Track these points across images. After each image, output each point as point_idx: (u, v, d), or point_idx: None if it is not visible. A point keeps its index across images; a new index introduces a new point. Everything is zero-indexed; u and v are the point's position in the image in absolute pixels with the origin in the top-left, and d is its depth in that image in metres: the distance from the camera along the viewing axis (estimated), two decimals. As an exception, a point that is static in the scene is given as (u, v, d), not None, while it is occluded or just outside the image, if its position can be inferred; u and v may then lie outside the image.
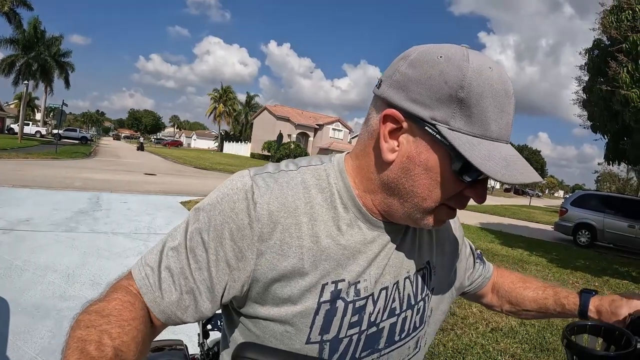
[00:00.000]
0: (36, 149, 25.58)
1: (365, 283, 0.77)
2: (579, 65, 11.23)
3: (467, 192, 0.72)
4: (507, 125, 0.69)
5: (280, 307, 0.73)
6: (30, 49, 38.24)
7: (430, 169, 0.70)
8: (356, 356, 0.78)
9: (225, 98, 71.31)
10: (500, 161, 0.66)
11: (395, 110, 0.70)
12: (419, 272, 0.87)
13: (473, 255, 1.12)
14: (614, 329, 0.90)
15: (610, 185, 57.13)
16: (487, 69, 0.67)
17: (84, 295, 4.17)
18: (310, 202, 0.74)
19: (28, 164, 16.34)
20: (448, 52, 0.68)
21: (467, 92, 0.65)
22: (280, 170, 0.78)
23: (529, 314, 1.16)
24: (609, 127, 10.56)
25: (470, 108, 0.66)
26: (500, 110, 0.67)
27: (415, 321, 0.86)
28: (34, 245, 5.70)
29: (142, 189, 12.96)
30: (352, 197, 0.77)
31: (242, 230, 0.71)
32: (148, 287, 0.73)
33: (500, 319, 4.96)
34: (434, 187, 0.70)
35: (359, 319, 0.77)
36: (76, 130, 49.94)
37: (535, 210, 33.17)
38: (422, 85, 0.67)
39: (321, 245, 0.73)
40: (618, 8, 9.00)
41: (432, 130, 0.67)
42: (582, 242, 13.72)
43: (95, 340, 0.60)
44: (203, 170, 25.35)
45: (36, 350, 3.13)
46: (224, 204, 0.72)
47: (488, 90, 0.66)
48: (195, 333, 1.79)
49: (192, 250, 0.73)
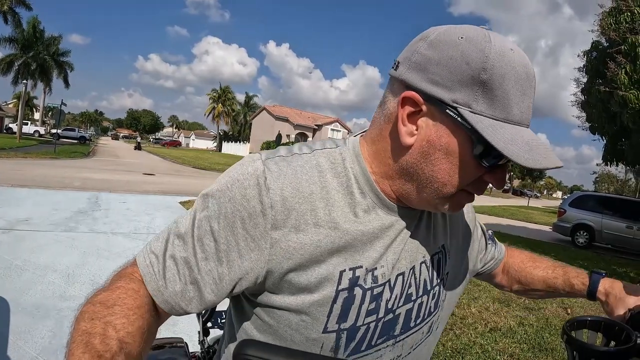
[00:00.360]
0: (35, 148, 25.56)
1: (383, 269, 0.75)
2: (577, 67, 11.25)
3: (487, 177, 0.71)
4: (528, 109, 0.68)
5: (297, 296, 0.71)
6: (29, 49, 38.16)
7: (450, 153, 0.67)
8: (372, 343, 0.77)
9: (224, 98, 71.31)
10: (524, 145, 0.64)
11: (415, 93, 0.67)
12: (434, 257, 0.85)
13: (485, 236, 1.10)
14: (614, 324, 0.90)
15: (608, 186, 57.25)
16: (509, 51, 0.65)
17: (84, 295, 4.12)
18: (325, 186, 0.71)
19: (27, 164, 16.33)
20: (469, 33, 0.66)
21: (489, 74, 0.63)
22: (294, 153, 0.74)
23: (538, 294, 1.15)
24: (607, 129, 10.59)
25: (493, 90, 0.64)
26: (522, 93, 0.66)
27: (431, 306, 0.85)
28: (34, 245, 5.70)
29: (141, 189, 12.97)
30: (370, 183, 0.75)
31: (254, 219, 0.67)
32: (152, 275, 0.70)
33: (498, 319, 4.98)
34: (454, 172, 0.68)
35: (376, 306, 0.75)
36: (75, 130, 50.02)
37: (533, 211, 33.21)
38: (442, 67, 0.65)
39: (338, 231, 0.70)
40: (617, 10, 9.03)
41: (453, 113, 0.65)
42: (580, 242, 13.75)
43: (100, 333, 0.59)
44: (202, 170, 25.33)
45: (37, 350, 3.14)
46: (234, 190, 0.68)
47: (510, 72, 0.64)
48: (195, 331, 1.79)
49: (200, 239, 0.69)
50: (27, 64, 38.42)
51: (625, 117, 8.68)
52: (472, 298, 5.71)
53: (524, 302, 5.78)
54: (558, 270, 1.11)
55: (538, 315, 5.34)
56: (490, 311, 5.27)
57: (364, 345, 0.76)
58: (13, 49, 37.63)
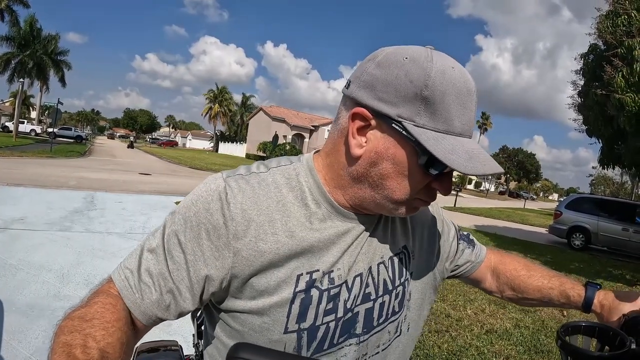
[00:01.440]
0: (31, 147, 25.45)
1: (339, 272, 0.80)
2: (574, 70, 11.26)
3: (434, 184, 0.76)
4: (470, 121, 0.72)
5: (257, 300, 0.76)
6: (26, 47, 38.00)
7: (397, 163, 0.73)
8: (334, 342, 0.81)
9: (220, 98, 71.18)
10: (463, 154, 0.69)
11: (364, 109, 0.73)
12: (394, 257, 0.89)
13: (457, 237, 1.11)
14: (608, 330, 0.91)
15: (604, 188, 57.42)
16: (449, 69, 0.70)
17: (79, 295, 4.14)
18: (282, 200, 0.78)
19: (23, 163, 16.26)
20: (413, 53, 0.71)
21: (431, 91, 0.68)
22: (252, 172, 0.81)
23: (532, 302, 1.16)
24: (603, 131, 10.58)
25: (434, 105, 0.69)
26: (463, 107, 0.71)
27: (394, 306, 0.89)
28: (29, 244, 5.68)
29: (137, 189, 12.94)
30: (323, 193, 0.81)
31: (217, 230, 0.73)
32: (128, 289, 0.75)
33: (494, 321, 4.98)
34: (402, 180, 0.74)
35: (333, 306, 0.80)
36: (71, 129, 49.69)
37: (529, 213, 33.26)
38: (389, 85, 0.70)
39: (295, 239, 0.76)
40: (614, 13, 9.04)
41: (398, 127, 0.70)
42: (576, 245, 13.78)
43: (81, 344, 0.60)
44: (198, 171, 25.27)
45: (31, 350, 3.12)
46: (198, 205, 0.75)
47: (451, 88, 0.69)
48: (190, 333, 1.79)
49: (170, 251, 0.75)
50: (23, 63, 38.27)
51: (621, 120, 8.68)
52: (468, 300, 5.71)
53: (520, 304, 5.78)
54: (554, 280, 1.12)
55: (534, 318, 5.34)
56: (487, 313, 5.27)
57: (325, 344, 0.80)
58: (10, 47, 37.50)
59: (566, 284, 1.10)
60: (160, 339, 1.59)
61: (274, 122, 53.59)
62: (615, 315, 0.99)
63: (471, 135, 0.74)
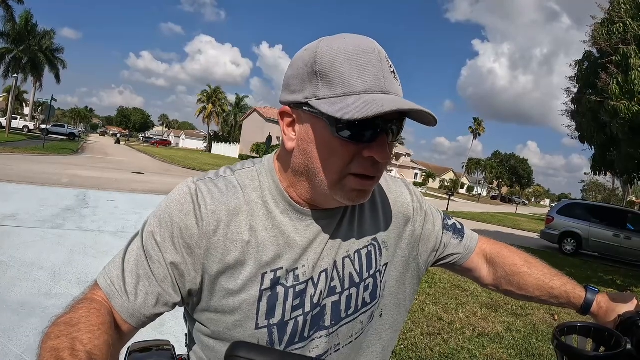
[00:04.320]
0: (23, 143, 25.31)
1: (304, 269, 0.84)
2: (568, 77, 11.33)
3: (366, 152, 0.74)
4: (375, 78, 0.72)
5: (228, 299, 0.80)
6: (20, 42, 37.77)
7: (318, 142, 0.76)
8: (305, 335, 0.85)
9: (214, 98, 70.99)
10: (361, 105, 0.69)
11: (286, 106, 0.80)
12: (362, 250, 0.91)
13: (445, 228, 1.09)
14: (604, 330, 0.91)
15: (596, 194, 57.78)
16: (339, 40, 0.75)
17: (70, 293, 4.13)
18: (247, 200, 0.83)
19: (15, 159, 16.14)
20: (311, 44, 0.78)
21: (320, 64, 0.73)
22: (220, 176, 0.86)
23: (529, 298, 1.13)
24: (596, 138, 10.66)
25: (328, 75, 0.72)
26: (361, 66, 0.72)
27: (365, 297, 0.91)
28: (20, 241, 5.64)
29: (129, 188, 12.90)
30: (281, 192, 0.85)
31: (190, 229, 0.78)
32: (114, 292, 0.78)
33: (486, 325, 4.99)
34: (328, 156, 0.76)
35: (301, 302, 0.83)
36: (64, 126, 49.46)
37: (521, 218, 33.43)
38: (294, 78, 0.78)
39: (258, 238, 0.81)
40: (609, 21, 9.12)
41: (307, 108, 0.75)
42: (568, 250, 13.83)
43: (68, 347, 0.61)
44: (191, 170, 25.19)
45: (21, 348, 3.10)
46: (172, 207, 0.80)
47: (341, 55, 0.72)
48: (182, 333, 1.79)
49: (149, 252, 0.79)
50: (18, 58, 38.03)
51: (615, 127, 8.75)
52: (460, 303, 5.73)
53: (511, 307, 5.81)
54: (555, 280, 1.10)
55: (525, 321, 5.36)
56: (478, 316, 5.28)
57: (296, 337, 0.84)
58: (4, 42, 37.23)
59: (567, 284, 1.08)
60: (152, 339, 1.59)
61: (268, 123, 53.52)
62: (611, 316, 0.99)
63: (388, 91, 0.73)
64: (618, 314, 0.98)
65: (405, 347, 4.03)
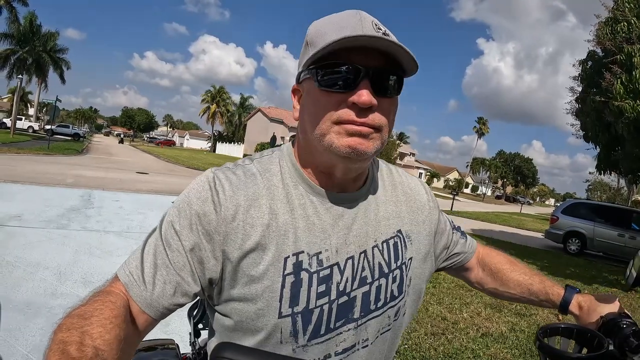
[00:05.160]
0: (28, 144, 25.40)
1: (327, 253, 0.83)
2: (573, 76, 11.29)
3: (349, 100, 0.76)
4: (352, 28, 0.75)
5: (250, 286, 0.79)
6: (25, 43, 37.88)
7: (309, 101, 0.82)
8: (331, 326, 0.83)
9: (218, 98, 71.04)
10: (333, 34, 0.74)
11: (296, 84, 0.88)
12: (389, 241, 0.92)
13: (454, 229, 1.14)
14: (586, 332, 0.92)
15: (601, 194, 57.54)
16: (332, 16, 0.82)
17: (75, 293, 4.16)
18: (266, 186, 0.84)
19: (20, 159, 16.22)
20: None
21: (310, 35, 0.81)
22: (238, 165, 0.88)
23: (512, 297, 1.17)
24: (601, 138, 10.63)
25: (314, 41, 0.79)
26: (341, 26, 0.76)
27: (393, 290, 0.90)
28: (25, 241, 5.67)
29: (134, 188, 12.93)
30: (300, 174, 0.87)
31: (208, 215, 0.79)
32: (132, 282, 0.78)
33: (490, 325, 4.99)
34: (316, 110, 0.79)
35: (326, 289, 0.82)
36: (69, 127, 49.57)
37: (526, 218, 33.34)
38: (299, 58, 0.86)
39: (279, 221, 0.81)
40: (613, 20, 9.08)
41: (304, 74, 0.82)
42: (572, 250, 13.79)
43: (76, 341, 0.61)
44: (195, 170, 25.21)
45: (28, 347, 3.12)
46: (190, 195, 0.81)
47: (327, 24, 0.79)
48: (187, 332, 1.79)
49: (167, 240, 0.80)
50: (22, 59, 38.15)
51: (619, 127, 8.72)
52: (464, 303, 5.73)
53: (515, 308, 5.80)
54: (535, 278, 1.15)
55: (529, 321, 5.36)
56: (482, 316, 5.28)
57: (322, 328, 0.82)
58: (8, 44, 37.36)
59: (546, 282, 1.13)
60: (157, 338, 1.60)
61: (272, 123, 53.54)
62: (594, 317, 1.01)
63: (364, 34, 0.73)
64: (600, 314, 0.99)
65: (409, 347, 4.04)
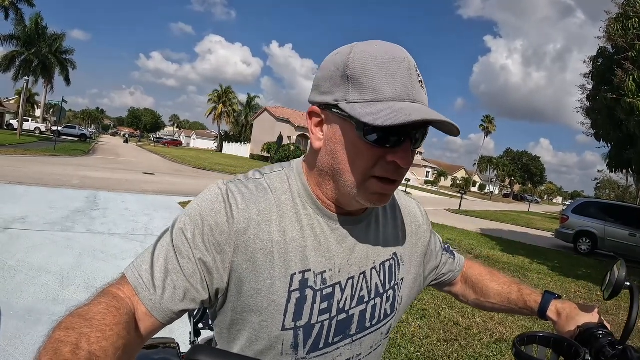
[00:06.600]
0: (35, 145, 25.50)
1: (331, 272, 0.86)
2: (583, 74, 11.14)
3: (389, 157, 0.77)
4: (404, 87, 0.75)
5: (256, 298, 0.81)
6: (31, 45, 38.06)
7: (346, 143, 0.79)
8: (329, 341, 0.87)
9: (225, 98, 71.14)
10: (389, 112, 0.71)
11: (315, 106, 0.83)
12: (385, 263, 0.96)
13: (442, 249, 1.18)
14: (563, 340, 0.94)
15: (609, 192, 57.17)
16: (371, 47, 0.78)
17: (78, 298, 4.05)
18: (276, 202, 0.85)
19: (26, 161, 16.22)
20: (343, 48, 0.81)
21: (352, 69, 0.76)
22: (249, 178, 0.89)
23: (493, 307, 1.21)
24: (612, 136, 10.50)
25: (358, 80, 0.75)
26: (390, 74, 0.75)
27: (386, 309, 0.95)
28: (29, 244, 5.59)
29: (140, 189, 12.85)
30: (310, 195, 0.88)
31: (220, 227, 0.80)
32: (142, 285, 0.78)
33: (504, 329, 4.87)
34: (354, 158, 0.79)
35: (328, 306, 0.85)
36: (75, 128, 49.86)
37: (534, 217, 33.11)
38: (325, 79, 0.81)
39: (287, 239, 0.83)
40: (624, 16, 8.93)
41: (336, 110, 0.78)
42: (583, 250, 13.65)
43: (73, 342, 0.59)
44: (202, 171, 25.21)
45: (27, 358, 3.02)
46: (203, 206, 0.82)
47: (372, 61, 0.75)
48: (187, 332, 1.80)
49: (178, 247, 0.80)
50: (28, 61, 38.32)
51: (631, 125, 8.57)
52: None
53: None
54: (513, 286, 1.19)
55: (543, 326, 5.22)
56: (495, 321, 5.15)
57: (321, 342, 0.86)
58: (14, 45, 37.54)
59: (524, 290, 1.17)
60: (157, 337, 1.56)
61: (279, 122, 53.50)
62: (572, 325, 1.04)
63: (415, 100, 0.76)
64: (578, 324, 1.03)
65: (422, 355, 3.91)
